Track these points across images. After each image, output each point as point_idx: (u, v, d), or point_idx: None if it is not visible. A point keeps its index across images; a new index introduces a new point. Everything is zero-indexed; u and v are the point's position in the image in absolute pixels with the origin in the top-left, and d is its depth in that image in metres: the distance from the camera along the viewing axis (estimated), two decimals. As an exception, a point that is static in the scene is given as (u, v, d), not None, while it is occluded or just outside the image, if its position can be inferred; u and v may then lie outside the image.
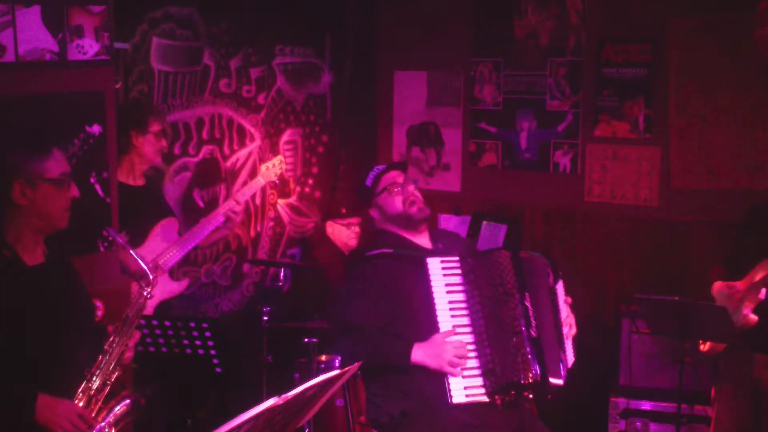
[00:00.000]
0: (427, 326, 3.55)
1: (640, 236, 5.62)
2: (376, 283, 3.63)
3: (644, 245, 5.60)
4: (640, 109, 5.55)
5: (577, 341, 3.79)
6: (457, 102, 6.21)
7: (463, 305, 3.56)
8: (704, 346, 4.29)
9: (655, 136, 5.53)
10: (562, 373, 3.58)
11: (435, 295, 3.53)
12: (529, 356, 3.48)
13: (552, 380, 3.52)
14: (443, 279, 3.56)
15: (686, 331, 4.16)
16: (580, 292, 5.63)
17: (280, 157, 5.26)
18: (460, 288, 3.58)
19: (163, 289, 4.65)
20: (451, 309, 3.53)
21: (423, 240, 3.82)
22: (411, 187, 3.81)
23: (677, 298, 4.41)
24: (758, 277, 4.07)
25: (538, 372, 3.48)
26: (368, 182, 3.85)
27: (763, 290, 4.02)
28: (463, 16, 6.11)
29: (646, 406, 5.04)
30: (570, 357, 3.68)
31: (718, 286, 4.21)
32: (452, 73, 6.20)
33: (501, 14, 5.94)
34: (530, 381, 3.47)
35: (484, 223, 5.84)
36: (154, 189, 4.85)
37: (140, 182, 4.68)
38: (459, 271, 3.59)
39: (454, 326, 3.54)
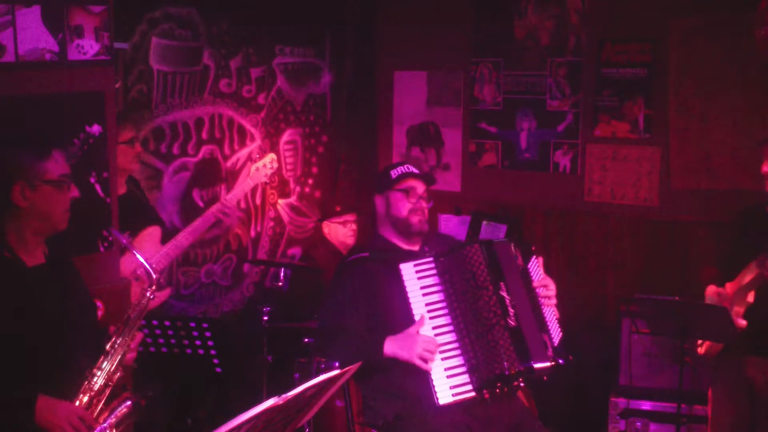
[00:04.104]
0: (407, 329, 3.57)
1: (640, 236, 5.61)
2: (354, 287, 3.67)
3: (644, 245, 5.59)
4: (640, 109, 5.54)
5: (562, 319, 3.76)
6: (457, 102, 6.20)
7: (441, 305, 3.58)
8: (701, 348, 4.30)
9: (655, 136, 5.53)
10: (548, 354, 3.55)
11: (411, 299, 3.56)
12: (510, 346, 3.48)
13: (537, 365, 3.51)
14: (418, 282, 3.58)
15: (686, 331, 4.16)
16: (580, 291, 5.71)
17: (271, 156, 5.09)
18: (436, 289, 3.60)
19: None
20: (429, 311, 3.55)
21: (412, 247, 3.85)
22: (424, 203, 3.83)
23: (677, 298, 4.42)
24: (746, 280, 4.10)
25: (521, 360, 3.47)
26: (393, 174, 3.85)
27: (751, 293, 4.05)
28: (463, 15, 6.09)
29: (646, 406, 5.02)
30: (556, 335, 3.65)
31: (709, 292, 4.23)
32: (452, 72, 6.19)
33: (501, 14, 5.93)
34: (515, 371, 3.47)
35: (484, 223, 5.83)
36: (136, 197, 4.75)
37: (120, 191, 4.59)
38: (434, 272, 3.62)
39: (434, 327, 3.55)
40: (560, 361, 3.56)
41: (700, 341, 4.33)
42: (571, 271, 5.78)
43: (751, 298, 4.05)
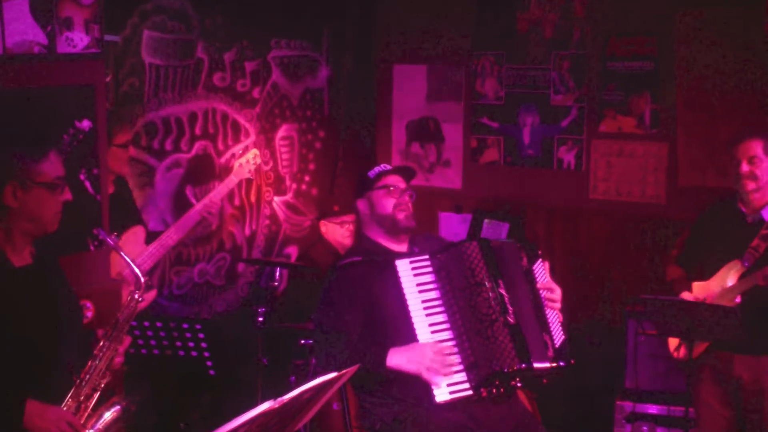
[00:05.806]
0: (404, 329, 3.55)
1: (646, 234, 5.59)
2: (348, 291, 3.66)
3: (651, 244, 5.56)
4: (646, 103, 5.53)
5: (565, 319, 3.77)
6: (457, 96, 6.16)
7: (437, 302, 3.58)
8: (678, 353, 4.33)
9: (662, 132, 5.51)
10: (548, 354, 3.54)
11: (407, 296, 3.55)
12: (509, 343, 3.46)
13: (536, 364, 3.49)
14: (414, 279, 3.59)
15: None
16: (584, 291, 5.69)
17: (254, 151, 5.17)
18: (432, 286, 3.60)
19: None
20: (425, 308, 3.55)
21: (401, 248, 3.86)
22: (407, 196, 3.85)
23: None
24: (730, 282, 4.16)
25: (520, 358, 3.45)
26: (371, 174, 3.88)
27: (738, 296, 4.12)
28: (465, 7, 6.08)
29: (652, 409, 5.00)
30: (558, 337, 3.65)
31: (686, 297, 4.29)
32: (453, 66, 6.16)
33: (503, 6, 5.92)
34: (514, 369, 3.45)
35: (486, 221, 5.85)
36: (121, 197, 4.72)
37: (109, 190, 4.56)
38: (430, 269, 3.63)
39: (430, 324, 3.54)
40: (561, 363, 3.54)
41: (675, 345, 4.35)
42: (575, 271, 5.76)
43: (738, 299, 4.11)
